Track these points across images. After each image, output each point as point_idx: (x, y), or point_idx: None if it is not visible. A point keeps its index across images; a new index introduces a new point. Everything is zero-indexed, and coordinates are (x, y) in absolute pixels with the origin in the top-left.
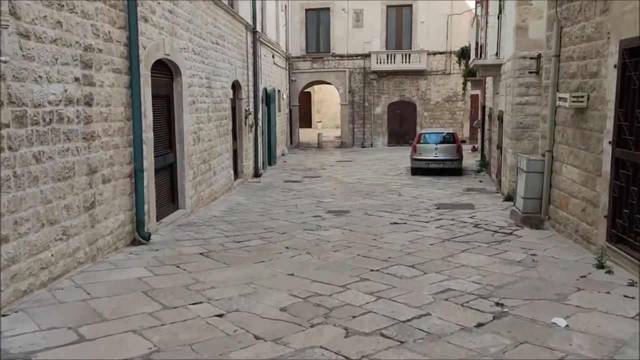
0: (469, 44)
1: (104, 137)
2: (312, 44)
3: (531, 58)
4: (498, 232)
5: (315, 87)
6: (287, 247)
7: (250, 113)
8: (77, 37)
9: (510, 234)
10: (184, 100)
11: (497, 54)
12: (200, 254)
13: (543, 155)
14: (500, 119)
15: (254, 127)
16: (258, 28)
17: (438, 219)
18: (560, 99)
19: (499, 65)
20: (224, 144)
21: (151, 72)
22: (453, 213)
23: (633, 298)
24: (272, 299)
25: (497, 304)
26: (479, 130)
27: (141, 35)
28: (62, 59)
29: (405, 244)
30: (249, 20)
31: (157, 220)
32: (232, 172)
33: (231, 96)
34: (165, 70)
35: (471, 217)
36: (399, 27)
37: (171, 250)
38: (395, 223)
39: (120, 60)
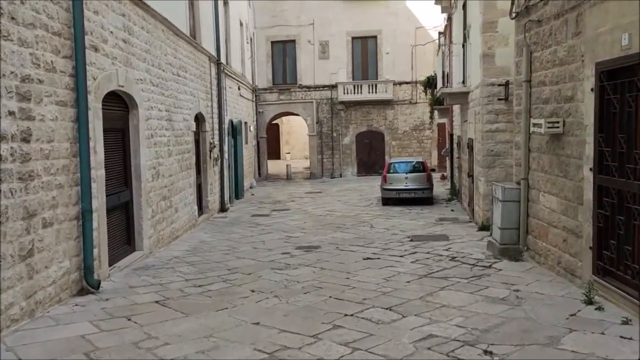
0: (435, 73)
1: (45, 177)
2: (279, 76)
3: (499, 85)
4: (476, 265)
5: (284, 118)
6: (252, 291)
7: (215, 146)
8: (12, 67)
9: (489, 267)
10: (141, 134)
11: (463, 81)
12: (156, 302)
13: (518, 183)
14: (470, 146)
15: (219, 160)
16: (222, 59)
17: (413, 253)
18: (534, 124)
19: (466, 93)
20: (186, 179)
21: (103, 105)
22: (428, 245)
23: (630, 339)
24: (234, 355)
25: (486, 351)
26: (447, 158)
27: (90, 65)
28: None
29: (380, 282)
30: (213, 52)
31: (110, 265)
32: (196, 207)
33: (194, 129)
34: (119, 103)
35: (447, 250)
36: (365, 58)
37: (123, 299)
38: (368, 258)
39: (66, 92)
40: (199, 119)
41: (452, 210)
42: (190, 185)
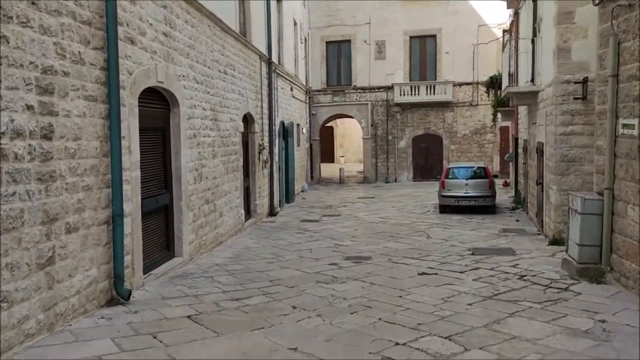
0: (498, 73)
1: (70, 177)
2: (333, 77)
3: (576, 82)
4: (550, 287)
5: (338, 121)
6: (294, 307)
7: (264, 148)
8: (31, 57)
9: (566, 289)
10: (183, 134)
11: (532, 80)
12: (188, 317)
13: (600, 193)
14: (540, 151)
15: (268, 163)
16: (274, 59)
17: (474, 269)
18: (624, 126)
19: (536, 93)
20: (232, 182)
21: (140, 102)
22: (491, 260)
23: None
24: None
25: None
26: (510, 163)
27: (126, 58)
28: (6, 82)
29: (438, 303)
30: (264, 51)
31: (146, 273)
32: (242, 212)
33: (242, 130)
34: (159, 100)
35: (514, 266)
36: (423, 58)
37: (153, 312)
38: (424, 273)
39: (96, 87)
40: (247, 119)
41: (517, 221)
42: (237, 188)
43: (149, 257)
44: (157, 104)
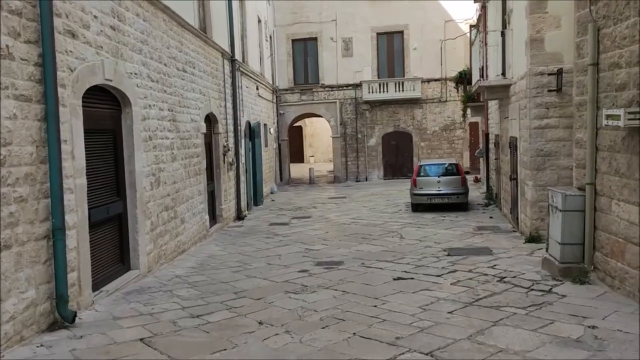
0: (467, 68)
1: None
2: (300, 75)
3: (550, 74)
4: (532, 289)
5: (307, 120)
6: (260, 323)
7: (229, 149)
8: None
9: (549, 291)
10: (136, 136)
11: (503, 73)
12: (141, 339)
13: (581, 188)
14: (513, 146)
15: (234, 165)
16: (238, 57)
17: (452, 271)
18: (608, 117)
19: (507, 86)
20: (195, 186)
21: (86, 102)
22: (468, 261)
23: None
24: None
25: None
26: (481, 159)
27: (66, 54)
28: None
29: (416, 312)
30: (226, 48)
31: (96, 290)
32: (207, 217)
33: (205, 130)
34: (108, 100)
35: (492, 267)
36: (391, 55)
37: (101, 336)
38: (400, 278)
39: (29, 85)
40: (210, 119)
41: (491, 218)
42: (200, 192)
43: (99, 273)
44: (107, 104)
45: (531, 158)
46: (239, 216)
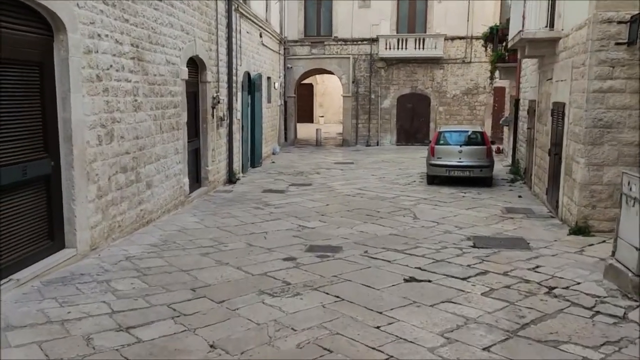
0: (497, 25)
1: None
2: (312, 27)
3: (620, 22)
4: (598, 311)
5: (318, 77)
6: (211, 346)
7: (219, 101)
8: None
9: (624, 317)
10: (74, 74)
11: (549, 24)
12: None
13: None
14: (559, 114)
15: (226, 121)
16: None
17: (481, 272)
18: None
19: (555, 40)
20: (170, 143)
21: None
22: (501, 258)
23: None
24: None
25: None
26: (505, 128)
27: None
28: None
29: (436, 344)
30: None
31: (5, 276)
32: (186, 180)
33: (187, 77)
34: (34, 21)
35: (534, 269)
36: (412, 8)
37: None
38: (412, 279)
39: None
40: (197, 65)
41: (520, 197)
42: (177, 151)
43: (10, 253)
44: (32, 27)
45: (586, 129)
46: (230, 179)
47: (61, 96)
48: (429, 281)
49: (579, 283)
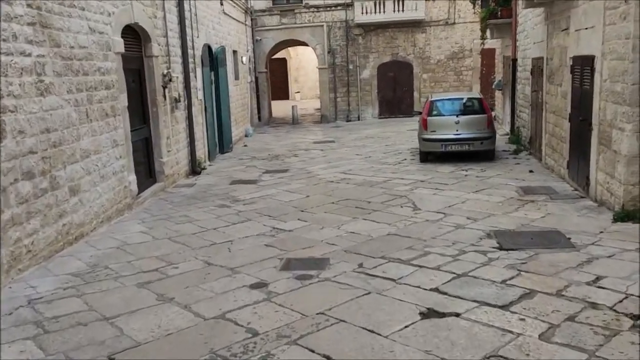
0: None
1: None
2: None
3: None
4: None
5: (291, 51)
6: None
7: (171, 79)
8: None
9: None
10: None
11: None
12: None
13: None
14: (584, 69)
15: (183, 102)
16: None
17: (525, 293)
18: None
19: None
20: (105, 134)
21: None
22: (542, 265)
23: None
24: None
25: None
26: (499, 93)
27: None
28: None
29: None
30: None
31: None
32: (132, 177)
33: (122, 49)
34: None
35: (595, 284)
36: None
37: None
38: (430, 312)
39: None
40: (140, 36)
41: (532, 172)
42: (116, 143)
43: None
44: None
45: (632, 86)
46: (194, 170)
47: None
48: (457, 315)
49: None
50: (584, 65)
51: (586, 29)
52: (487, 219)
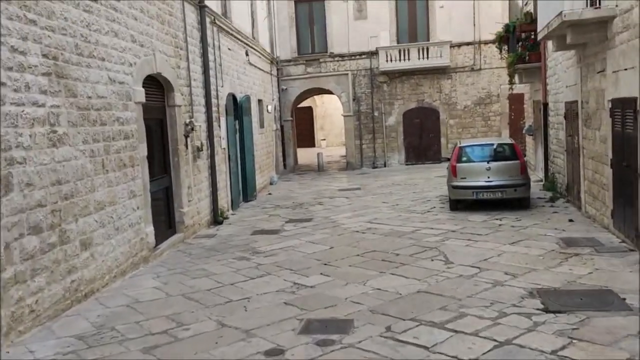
0: (517, 18)
1: None
2: (305, 44)
3: None
4: None
5: (317, 99)
6: None
7: (193, 129)
8: None
9: None
10: None
11: (588, 4)
12: None
13: None
14: (630, 112)
15: (205, 152)
16: (215, 8)
17: None
18: None
19: (606, 21)
20: (122, 184)
21: None
22: (598, 332)
23: None
24: None
25: None
26: (529, 138)
27: None
28: None
29: None
30: None
31: None
32: (149, 229)
33: (143, 99)
34: None
35: None
36: (413, 16)
37: None
38: None
39: None
40: (162, 86)
41: (572, 222)
42: (134, 194)
43: None
44: None
45: None
46: (216, 220)
47: None
48: None
49: None
50: (625, 108)
51: (625, 69)
52: (528, 274)
